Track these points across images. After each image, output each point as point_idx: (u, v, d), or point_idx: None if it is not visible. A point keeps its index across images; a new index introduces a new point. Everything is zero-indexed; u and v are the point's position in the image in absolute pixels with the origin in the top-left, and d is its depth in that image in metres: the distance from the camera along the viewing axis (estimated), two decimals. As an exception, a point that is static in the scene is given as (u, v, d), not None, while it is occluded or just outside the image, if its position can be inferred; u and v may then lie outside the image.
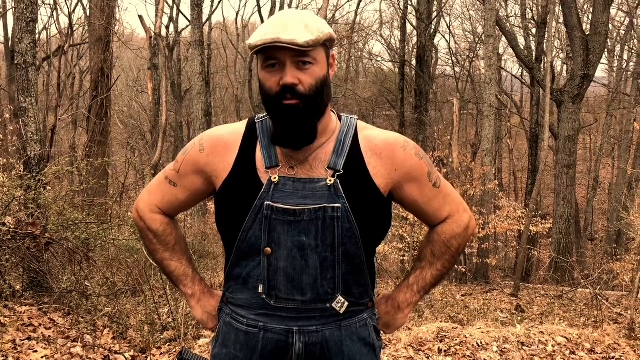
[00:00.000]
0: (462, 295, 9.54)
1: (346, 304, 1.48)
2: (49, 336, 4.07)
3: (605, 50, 16.36)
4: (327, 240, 1.44)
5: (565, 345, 4.32)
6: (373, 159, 1.49)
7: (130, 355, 4.00)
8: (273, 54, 1.39)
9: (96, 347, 3.97)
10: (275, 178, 1.46)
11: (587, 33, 12.99)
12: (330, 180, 1.45)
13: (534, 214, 11.81)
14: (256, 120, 1.55)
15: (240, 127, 1.56)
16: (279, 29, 1.37)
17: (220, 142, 1.53)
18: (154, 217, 1.61)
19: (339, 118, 1.56)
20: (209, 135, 1.56)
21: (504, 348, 4.20)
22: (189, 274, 1.64)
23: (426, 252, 1.60)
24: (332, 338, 1.48)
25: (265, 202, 1.44)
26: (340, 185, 1.45)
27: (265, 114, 1.55)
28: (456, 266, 11.91)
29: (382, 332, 1.65)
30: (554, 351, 4.20)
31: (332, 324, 1.49)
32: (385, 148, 1.50)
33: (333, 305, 1.47)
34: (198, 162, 1.53)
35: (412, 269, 1.62)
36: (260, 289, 1.47)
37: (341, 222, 1.44)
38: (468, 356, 4.08)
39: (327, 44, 1.45)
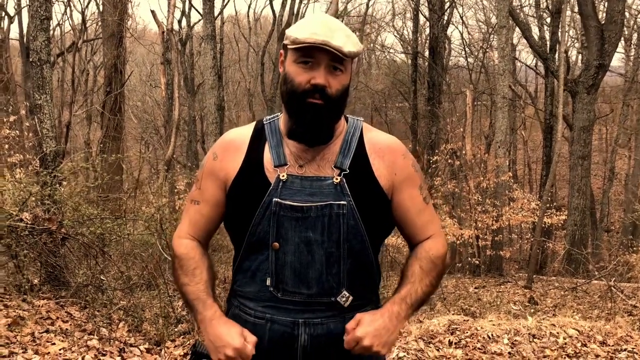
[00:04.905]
0: (475, 288, 9.54)
1: (351, 298, 1.52)
2: (66, 329, 4.15)
3: (622, 39, 16.12)
4: (333, 236, 1.48)
5: (576, 337, 4.32)
6: (376, 160, 1.55)
7: (145, 348, 4.07)
8: (312, 53, 1.44)
9: (112, 340, 4.05)
10: (283, 176, 1.50)
11: (603, 22, 12.81)
12: (337, 179, 1.50)
13: (548, 205, 11.74)
14: (264, 122, 1.61)
15: (248, 129, 1.61)
16: (326, 31, 1.42)
17: (230, 145, 1.59)
18: (180, 241, 1.63)
19: (346, 120, 1.61)
20: (219, 142, 1.62)
21: (515, 340, 4.21)
22: (202, 298, 1.55)
23: (414, 268, 1.56)
24: (337, 330, 1.51)
25: (274, 199, 1.48)
26: (346, 184, 1.50)
27: (273, 116, 1.61)
28: (470, 259, 11.90)
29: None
30: (565, 343, 4.20)
31: (337, 317, 1.53)
32: (387, 151, 1.56)
33: (338, 299, 1.51)
34: (214, 169, 1.58)
35: (400, 284, 1.57)
36: (268, 282, 1.52)
37: (346, 219, 1.48)
38: (479, 348, 4.09)
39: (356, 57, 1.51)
